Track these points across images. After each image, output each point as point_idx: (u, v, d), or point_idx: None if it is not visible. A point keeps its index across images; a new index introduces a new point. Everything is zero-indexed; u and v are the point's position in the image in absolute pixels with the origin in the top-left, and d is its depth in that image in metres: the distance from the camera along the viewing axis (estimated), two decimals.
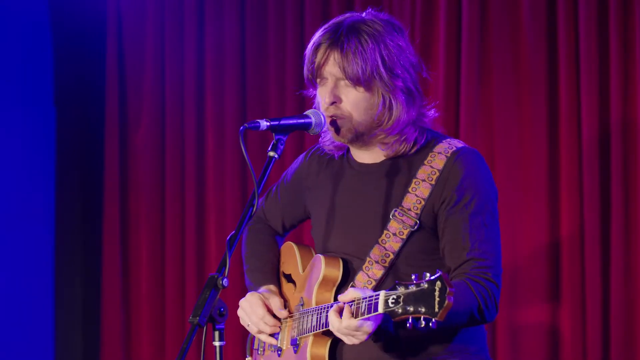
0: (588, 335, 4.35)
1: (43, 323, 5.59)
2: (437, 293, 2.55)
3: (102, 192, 5.63)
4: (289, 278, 3.23)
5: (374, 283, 2.96)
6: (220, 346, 2.67)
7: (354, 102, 2.93)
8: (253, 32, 5.28)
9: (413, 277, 2.62)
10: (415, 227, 2.93)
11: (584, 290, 4.37)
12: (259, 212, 3.37)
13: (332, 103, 2.95)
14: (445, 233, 2.93)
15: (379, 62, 2.90)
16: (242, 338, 5.19)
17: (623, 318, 4.29)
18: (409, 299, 2.59)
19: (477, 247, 2.89)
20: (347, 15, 3.00)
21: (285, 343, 3.12)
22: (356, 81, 2.90)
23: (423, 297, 2.57)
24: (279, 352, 3.14)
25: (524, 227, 4.47)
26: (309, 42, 5.08)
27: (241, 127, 2.78)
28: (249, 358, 3.33)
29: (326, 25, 2.98)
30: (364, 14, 2.99)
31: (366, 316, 2.72)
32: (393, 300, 2.63)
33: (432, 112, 3.05)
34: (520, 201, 4.48)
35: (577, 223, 4.39)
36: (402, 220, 2.94)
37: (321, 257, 3.03)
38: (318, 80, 2.97)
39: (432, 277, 2.58)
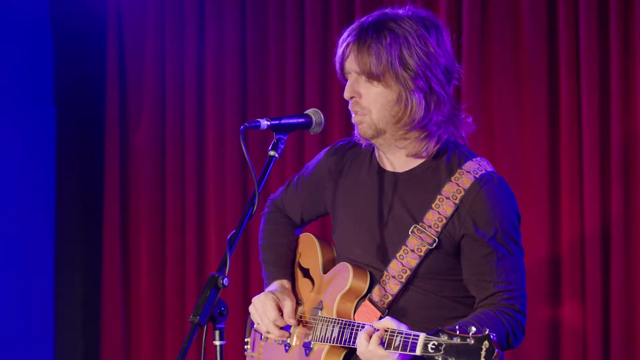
0: (588, 335, 4.35)
1: (43, 323, 5.59)
2: (483, 353, 2.53)
3: (102, 192, 5.64)
4: (307, 273, 3.21)
5: (390, 298, 2.95)
6: (221, 345, 2.67)
7: (371, 97, 2.90)
8: (253, 32, 5.28)
9: (457, 327, 2.59)
10: (434, 246, 2.91)
11: (584, 290, 4.37)
12: (278, 202, 3.34)
13: (351, 98, 2.93)
14: (470, 265, 2.91)
15: (395, 58, 2.85)
16: (243, 337, 5.19)
17: (623, 319, 4.29)
18: (452, 349, 2.57)
19: (503, 279, 2.88)
20: (382, 10, 2.96)
21: (295, 340, 3.11)
22: (369, 76, 2.88)
23: (467, 353, 2.55)
24: (287, 348, 3.14)
25: (524, 228, 4.45)
26: (309, 41, 5.11)
27: (242, 127, 2.77)
28: (248, 339, 3.32)
29: (358, 21, 2.95)
30: (400, 10, 2.94)
31: (399, 352, 2.70)
32: (433, 346, 2.60)
33: (469, 121, 3.01)
34: (521, 202, 4.47)
35: (578, 223, 4.39)
36: (420, 237, 2.91)
37: (349, 267, 3.00)
38: (346, 75, 2.95)
39: (479, 335, 2.55)
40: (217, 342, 2.67)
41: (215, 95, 5.37)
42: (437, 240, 2.90)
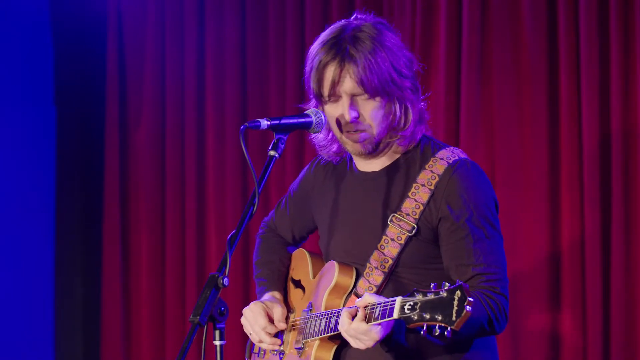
0: (589, 337, 4.34)
1: (43, 323, 5.59)
2: (455, 302, 2.56)
3: (102, 192, 5.64)
4: (298, 284, 3.24)
5: (374, 289, 2.97)
6: (221, 345, 2.67)
7: (373, 113, 2.92)
8: (253, 32, 5.29)
9: (432, 285, 2.63)
10: (413, 232, 2.94)
11: (584, 290, 4.37)
12: (271, 222, 3.41)
13: (355, 119, 2.92)
14: (448, 250, 2.93)
15: (391, 69, 2.90)
16: (243, 337, 5.20)
17: (624, 321, 4.28)
18: (426, 306, 2.60)
19: (482, 262, 2.89)
20: (341, 24, 2.97)
21: (289, 347, 3.13)
22: (375, 93, 2.90)
23: (441, 306, 2.58)
24: (281, 356, 3.15)
25: (524, 228, 4.47)
26: (309, 41, 5.09)
27: (242, 127, 2.77)
28: None
29: (324, 40, 2.94)
30: (354, 20, 2.98)
31: (379, 321, 2.72)
32: (409, 307, 2.63)
33: (424, 104, 3.04)
34: (521, 201, 4.48)
35: (578, 223, 4.38)
36: (399, 225, 2.94)
37: (335, 263, 3.04)
38: (331, 98, 2.94)
39: (452, 287, 2.58)
40: (217, 342, 2.67)
41: (215, 95, 5.37)
42: (415, 227, 2.93)
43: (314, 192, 3.21)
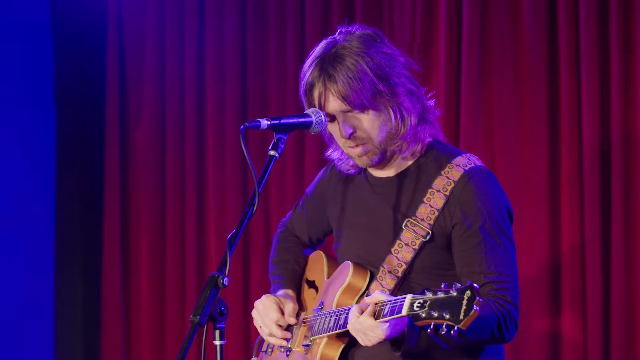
0: (589, 338, 4.34)
1: (43, 323, 5.59)
2: (464, 302, 2.56)
3: (102, 192, 5.64)
4: (312, 284, 3.26)
5: (387, 293, 2.96)
6: (221, 345, 2.67)
7: (368, 126, 2.94)
8: (254, 31, 5.28)
9: (443, 285, 2.63)
10: (427, 238, 2.95)
11: (584, 290, 4.37)
12: (288, 223, 3.43)
13: (350, 135, 2.95)
14: (460, 257, 2.94)
15: (375, 80, 2.90)
16: (243, 337, 5.20)
17: (624, 321, 4.28)
18: (435, 304, 2.60)
19: (494, 270, 2.90)
20: (324, 43, 2.99)
21: (296, 344, 3.14)
22: (362, 107, 2.91)
23: (450, 304, 2.58)
24: (288, 353, 3.16)
25: (524, 228, 4.46)
26: (309, 41, 5.09)
27: (242, 126, 2.77)
28: (255, 359, 3.34)
29: (309, 61, 2.98)
30: (338, 35, 2.99)
31: (387, 318, 2.73)
32: (419, 305, 2.64)
33: (432, 102, 3.05)
34: (521, 202, 4.47)
35: (578, 224, 4.39)
36: (414, 230, 2.95)
37: (350, 264, 3.05)
38: (326, 118, 2.97)
39: (462, 287, 2.59)
40: (217, 342, 2.67)
41: (215, 95, 5.37)
42: (430, 232, 2.94)
43: (329, 195, 3.23)
